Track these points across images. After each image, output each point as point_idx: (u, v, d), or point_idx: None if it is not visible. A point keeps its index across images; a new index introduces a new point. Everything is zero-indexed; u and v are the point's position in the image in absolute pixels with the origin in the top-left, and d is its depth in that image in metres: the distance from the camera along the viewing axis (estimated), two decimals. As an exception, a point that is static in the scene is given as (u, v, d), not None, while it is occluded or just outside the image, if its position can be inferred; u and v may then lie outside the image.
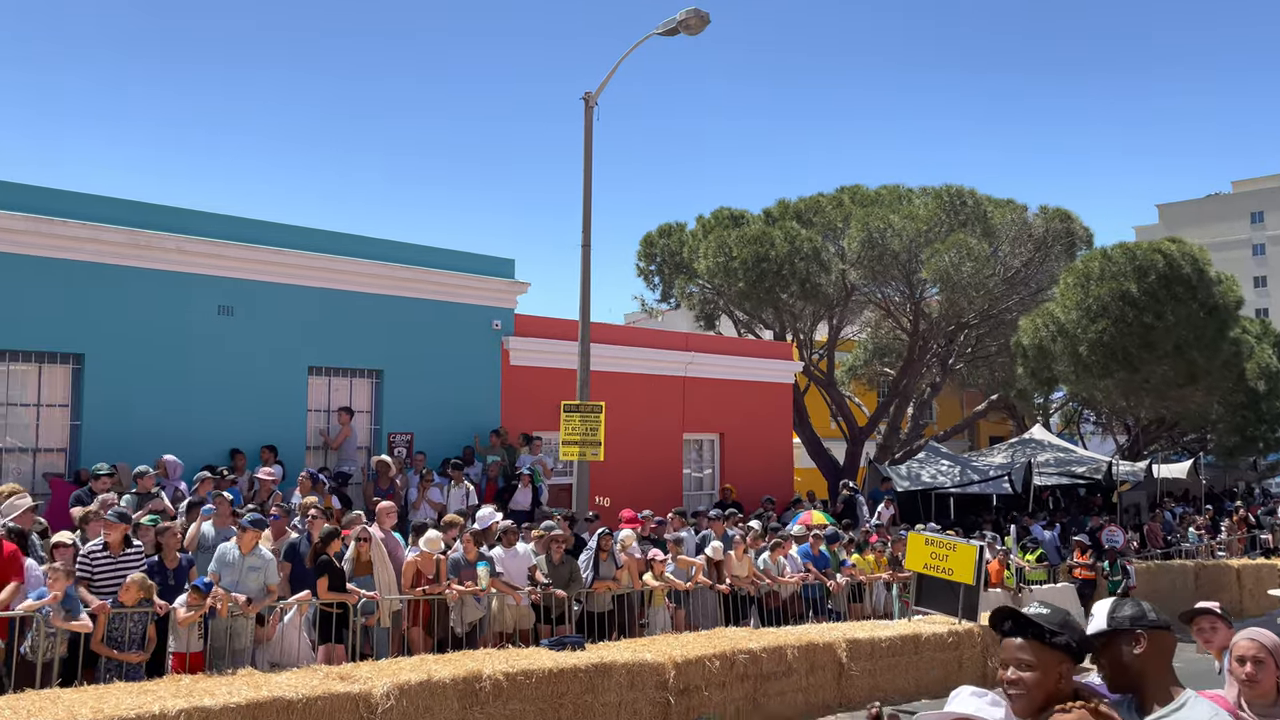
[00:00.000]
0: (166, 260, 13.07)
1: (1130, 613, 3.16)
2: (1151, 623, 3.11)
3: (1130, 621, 3.12)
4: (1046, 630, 2.82)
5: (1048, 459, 27.21)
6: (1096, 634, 3.14)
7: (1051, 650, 2.80)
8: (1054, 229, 22.91)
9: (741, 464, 20.22)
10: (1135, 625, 3.11)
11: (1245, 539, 27.18)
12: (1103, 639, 3.13)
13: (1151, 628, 3.10)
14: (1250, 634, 3.91)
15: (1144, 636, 3.07)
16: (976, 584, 13.37)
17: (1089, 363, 19.94)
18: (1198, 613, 5.24)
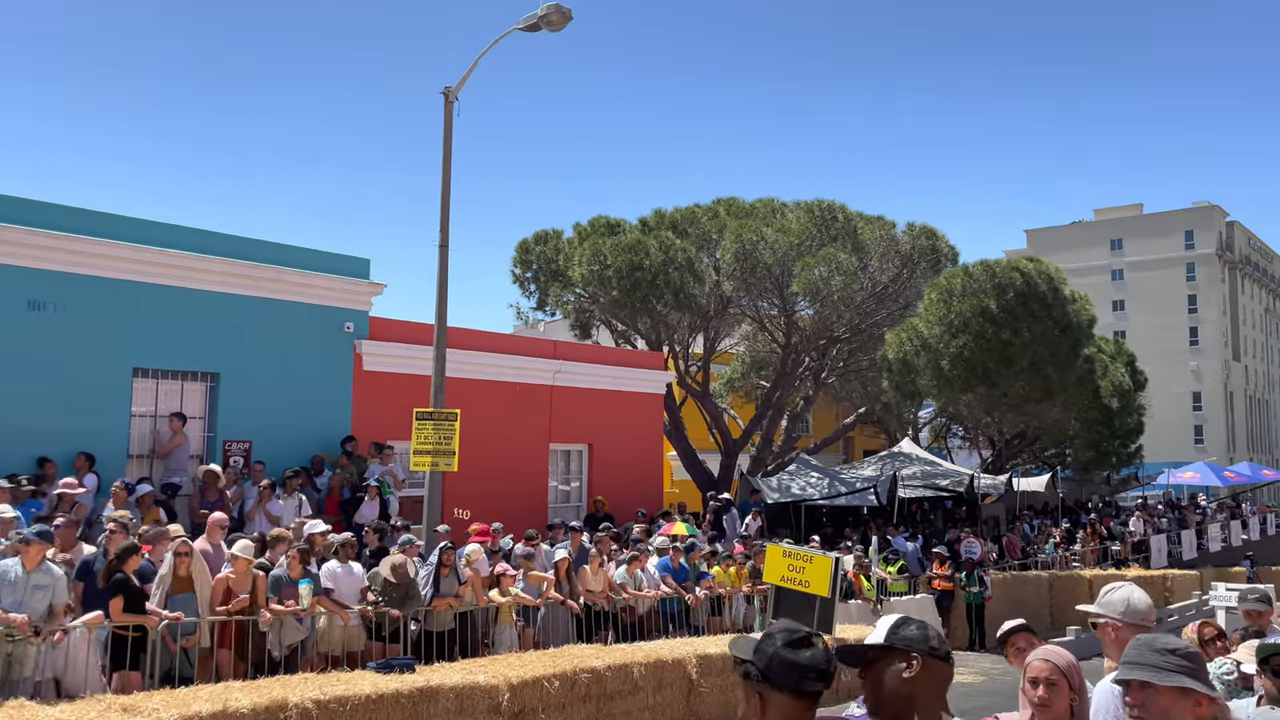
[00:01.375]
0: (-33, 248, 11.88)
1: (912, 634, 2.85)
2: (931, 649, 2.80)
3: (909, 643, 2.81)
4: (734, 660, 2.53)
5: (914, 472, 27.77)
6: (871, 646, 2.84)
7: (744, 681, 2.49)
8: (920, 246, 23.41)
9: (611, 475, 19.83)
10: (913, 647, 2.80)
11: (1098, 550, 28.30)
12: (875, 655, 2.82)
13: (929, 654, 2.79)
14: (1043, 654, 3.67)
15: (919, 660, 2.76)
16: (832, 596, 13.25)
17: (950, 377, 20.35)
18: (1013, 631, 5.05)
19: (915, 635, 2.80)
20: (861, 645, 2.83)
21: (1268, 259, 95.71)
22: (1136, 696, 2.91)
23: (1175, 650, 2.84)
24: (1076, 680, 3.59)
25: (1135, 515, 32.00)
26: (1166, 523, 32.50)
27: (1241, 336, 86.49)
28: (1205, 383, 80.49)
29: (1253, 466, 49.83)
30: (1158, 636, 2.87)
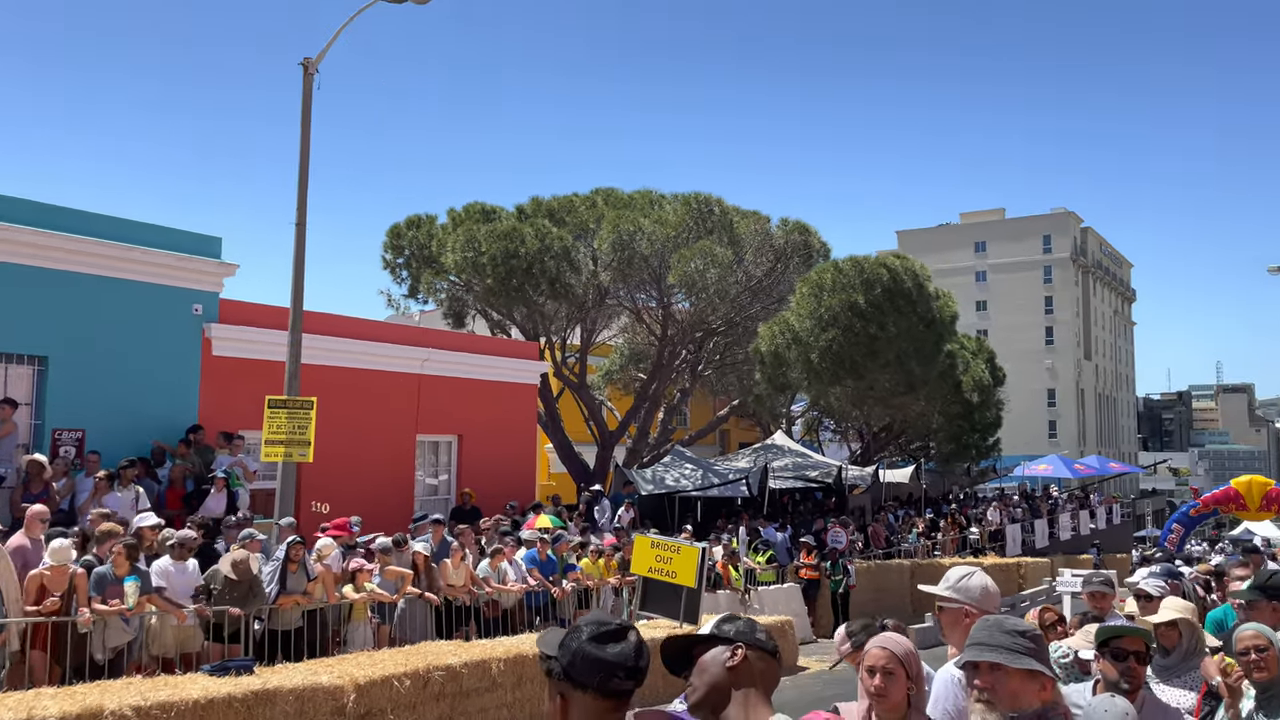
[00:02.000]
0: None
1: (739, 627, 2.69)
2: (756, 641, 2.63)
3: (735, 634, 2.65)
4: (540, 655, 2.32)
5: (786, 464, 28.26)
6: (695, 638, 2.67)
7: (549, 679, 2.27)
8: (793, 241, 23.74)
9: (482, 467, 19.36)
10: (737, 639, 2.63)
11: (958, 539, 29.39)
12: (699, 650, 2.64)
13: (754, 645, 2.62)
14: (881, 641, 3.55)
15: (743, 651, 2.59)
16: (698, 587, 13.24)
17: (820, 370, 20.69)
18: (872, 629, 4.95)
19: (741, 628, 2.64)
20: (684, 636, 2.64)
21: (1118, 264, 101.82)
22: (987, 679, 2.80)
23: (1024, 632, 2.75)
24: (914, 669, 3.49)
25: (992, 505, 33.41)
26: (1021, 512, 34.06)
27: (1093, 337, 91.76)
28: (1059, 380, 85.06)
29: (1100, 459, 52.88)
30: (1005, 618, 2.78)
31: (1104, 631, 3.93)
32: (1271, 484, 28.12)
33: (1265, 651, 3.82)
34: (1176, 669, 4.99)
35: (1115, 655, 3.77)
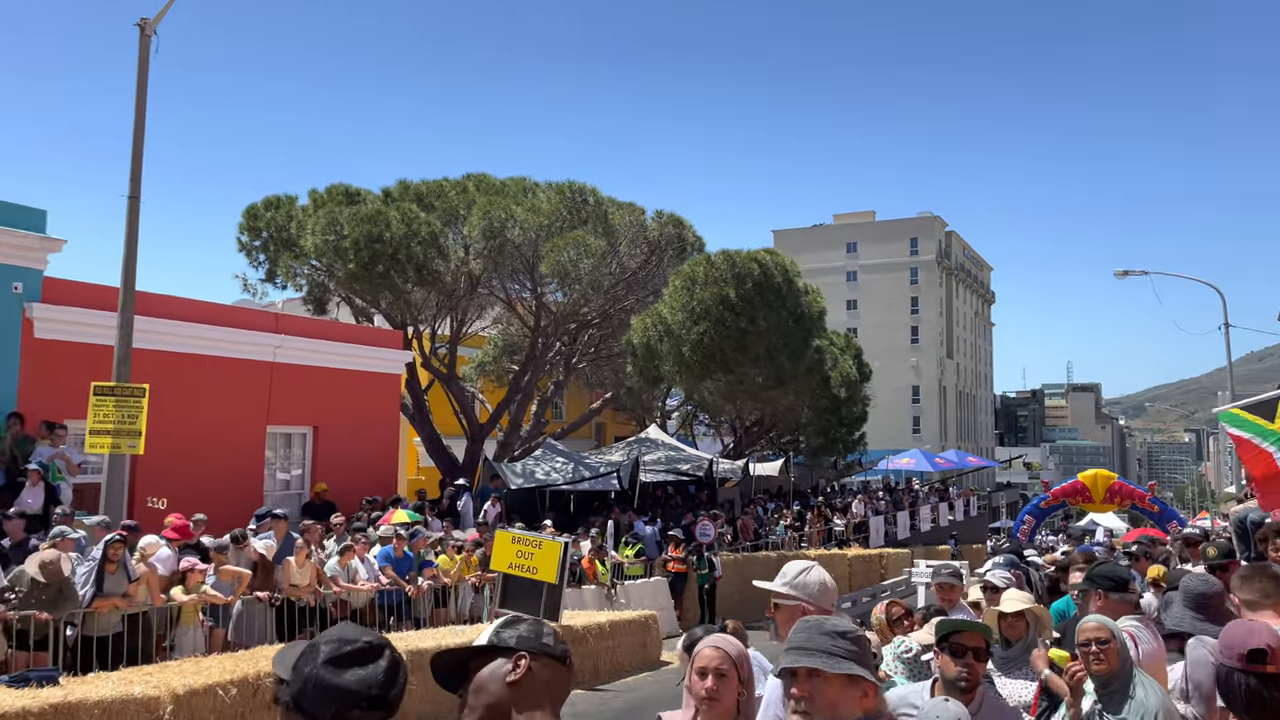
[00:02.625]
0: None
1: (522, 632, 2.30)
2: (543, 648, 2.26)
3: (516, 642, 2.26)
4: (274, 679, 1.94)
5: (659, 457, 28.19)
6: (471, 649, 2.28)
7: (279, 708, 1.89)
8: (668, 234, 23.63)
9: (340, 461, 18.50)
10: (521, 646, 2.25)
11: (823, 531, 29.98)
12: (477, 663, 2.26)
13: (541, 652, 2.25)
14: (714, 641, 3.26)
15: (526, 661, 2.22)
16: (560, 583, 12.89)
17: (691, 363, 20.64)
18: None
19: (525, 634, 2.26)
20: (458, 648, 2.26)
21: (979, 267, 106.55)
22: (804, 687, 2.50)
23: (845, 634, 2.46)
24: (746, 672, 3.22)
25: (857, 498, 34.26)
26: (884, 505, 35.05)
27: (955, 337, 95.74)
28: (923, 378, 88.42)
29: (959, 454, 55.11)
30: (825, 619, 2.49)
31: (943, 626, 3.76)
32: (1115, 478, 29.70)
33: (1106, 644, 3.71)
34: (1018, 661, 4.93)
35: (954, 651, 3.61)
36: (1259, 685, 2.82)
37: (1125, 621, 4.37)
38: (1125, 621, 4.37)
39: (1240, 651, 2.89)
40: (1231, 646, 2.93)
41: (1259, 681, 2.83)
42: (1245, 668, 2.85)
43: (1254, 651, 2.86)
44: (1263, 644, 2.89)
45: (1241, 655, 2.87)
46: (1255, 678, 2.83)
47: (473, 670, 2.22)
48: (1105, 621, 3.77)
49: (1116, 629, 3.72)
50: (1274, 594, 4.00)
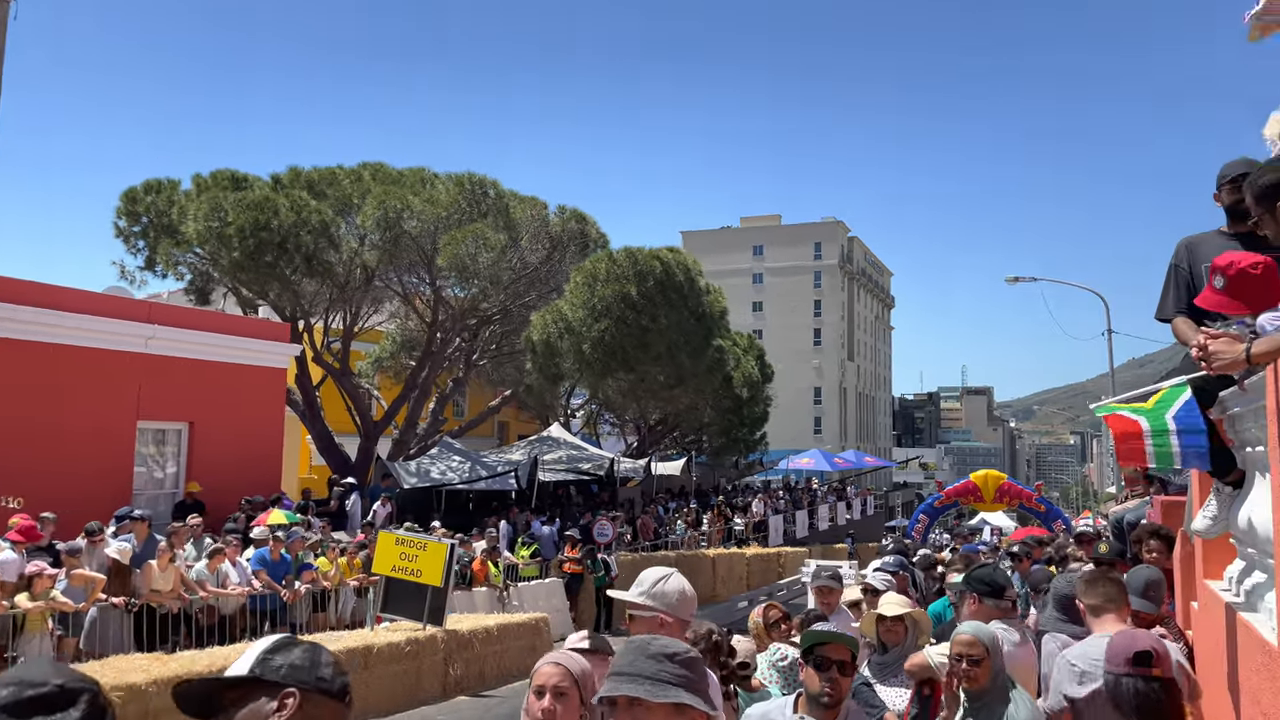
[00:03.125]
0: None
1: (294, 661, 1.91)
2: (317, 682, 1.88)
3: (285, 674, 1.88)
4: None
5: (560, 456, 27.80)
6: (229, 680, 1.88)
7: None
8: (570, 229, 23.26)
9: (218, 458, 17.56)
10: (291, 679, 1.87)
11: (723, 530, 30.05)
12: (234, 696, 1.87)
13: (315, 689, 1.87)
14: (555, 658, 2.95)
15: (295, 699, 1.85)
16: (445, 585, 12.43)
17: (591, 360, 20.33)
18: None
19: (297, 663, 1.88)
20: (210, 678, 1.88)
21: (879, 272, 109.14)
22: (624, 717, 2.20)
23: (674, 656, 2.15)
24: (589, 690, 2.91)
25: (757, 497, 34.48)
26: (784, 504, 35.37)
27: (856, 340, 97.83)
28: (825, 379, 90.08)
29: (857, 454, 56.21)
30: (653, 639, 2.18)
31: (808, 638, 3.54)
32: (1004, 478, 30.55)
33: (978, 664, 3.50)
34: (895, 666, 4.78)
35: (818, 665, 3.38)
36: (1146, 688, 2.84)
37: (995, 626, 4.24)
38: (995, 626, 4.24)
39: (1126, 656, 2.89)
40: (1118, 653, 2.93)
41: (1146, 685, 2.84)
42: (1132, 672, 2.85)
43: (1140, 654, 2.87)
44: (1148, 647, 2.91)
45: (1128, 659, 2.87)
46: (1142, 681, 2.85)
47: (229, 704, 1.86)
48: (979, 634, 3.58)
49: (992, 642, 3.54)
50: (1117, 599, 4.03)
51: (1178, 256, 4.29)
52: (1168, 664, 2.97)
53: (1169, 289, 4.29)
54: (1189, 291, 4.23)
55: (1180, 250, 4.30)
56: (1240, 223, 4.21)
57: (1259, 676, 2.93)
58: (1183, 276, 4.26)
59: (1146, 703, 2.86)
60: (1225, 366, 2.57)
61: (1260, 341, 2.50)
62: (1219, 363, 2.57)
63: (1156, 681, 2.89)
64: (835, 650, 3.38)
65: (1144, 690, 2.86)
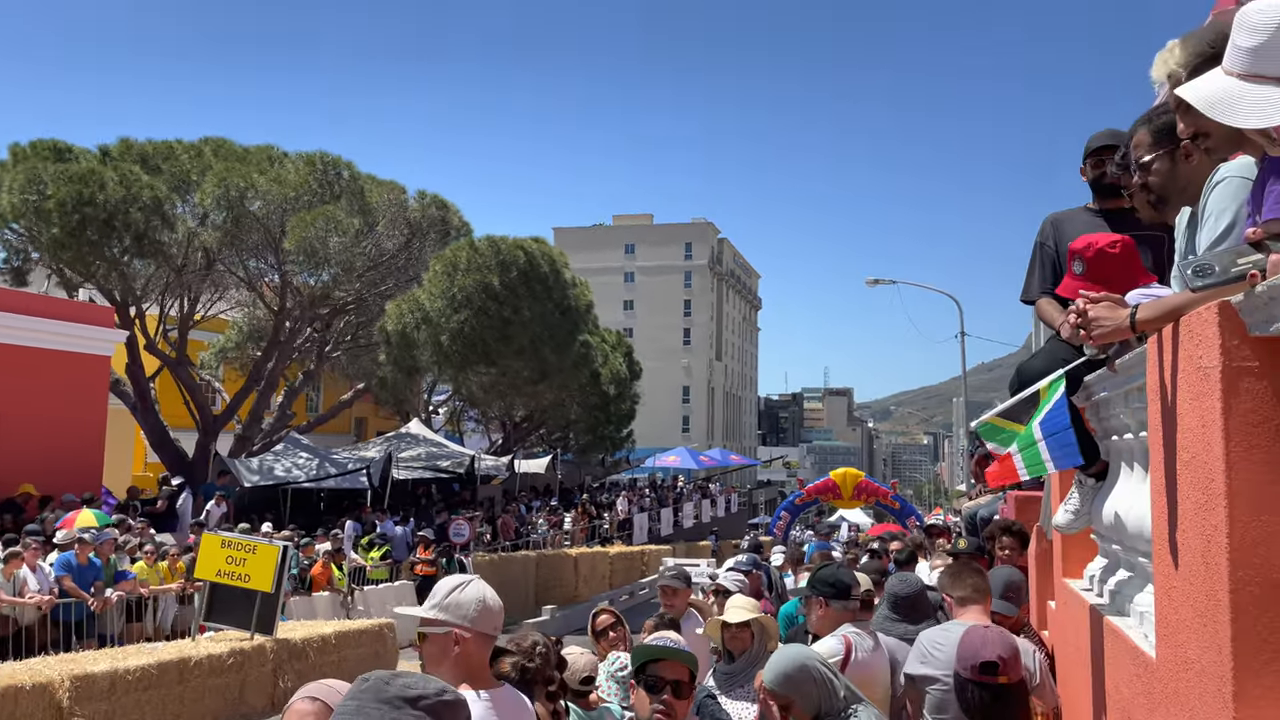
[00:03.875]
0: None
1: None
2: None
3: None
4: None
5: (418, 453, 26.77)
6: None
7: None
8: (430, 216, 22.28)
9: (27, 454, 15.92)
10: None
11: (587, 528, 29.59)
12: None
13: None
14: (310, 691, 2.35)
15: None
16: (276, 591, 11.46)
17: (450, 352, 19.51)
18: None
19: None
20: None
21: (748, 274, 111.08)
22: None
23: (418, 701, 1.59)
24: None
25: (622, 495, 34.21)
26: (649, 501, 35.22)
27: (724, 340, 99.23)
28: (694, 379, 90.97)
29: (723, 452, 56.85)
30: (394, 679, 1.61)
31: (638, 654, 3.05)
32: (862, 476, 31.27)
33: (787, 709, 2.92)
34: (742, 676, 4.35)
35: (650, 686, 2.89)
36: (991, 698, 2.80)
37: (845, 629, 3.88)
38: (845, 629, 3.88)
39: (973, 664, 2.84)
40: (965, 658, 2.87)
41: (991, 694, 2.80)
42: (978, 679, 2.81)
43: (985, 664, 2.81)
44: (994, 656, 2.84)
45: (974, 667, 2.83)
46: (988, 690, 2.80)
47: None
48: (787, 669, 2.98)
49: (799, 674, 2.96)
50: (983, 589, 3.91)
51: (1043, 234, 4.01)
52: (1016, 668, 2.90)
53: (1034, 269, 4.00)
54: (1055, 271, 3.97)
55: (1046, 228, 4.03)
56: (1106, 198, 3.98)
57: (1130, 689, 2.61)
58: (1048, 255, 3.98)
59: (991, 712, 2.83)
60: (1107, 335, 2.20)
61: (1146, 306, 2.14)
62: (1100, 330, 2.20)
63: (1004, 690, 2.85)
64: (670, 668, 2.91)
65: (989, 701, 2.82)
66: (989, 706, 2.85)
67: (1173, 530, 2.08)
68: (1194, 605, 1.92)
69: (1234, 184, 2.22)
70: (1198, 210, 2.32)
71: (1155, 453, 2.21)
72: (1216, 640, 1.79)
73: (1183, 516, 2.01)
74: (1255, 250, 1.67)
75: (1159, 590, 2.23)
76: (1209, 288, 1.71)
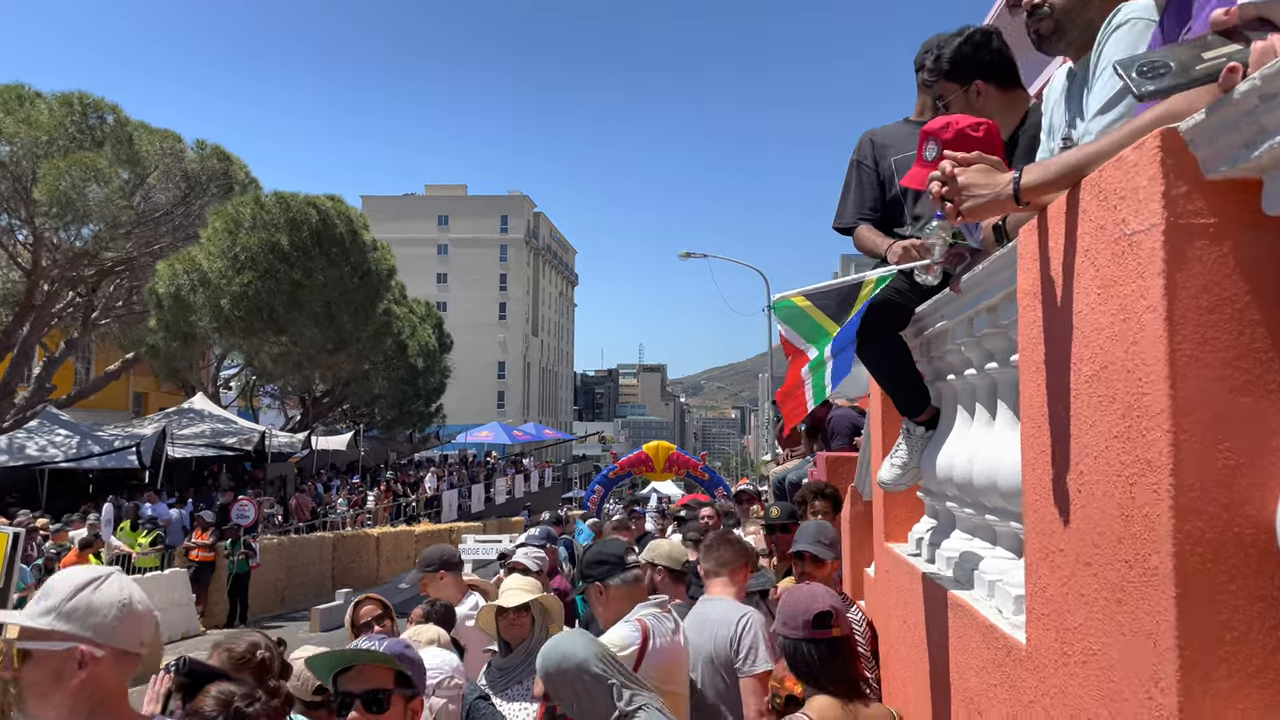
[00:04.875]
0: None
1: None
2: None
3: None
4: None
5: (202, 430, 24.64)
6: None
7: None
8: (211, 168, 20.17)
9: None
10: None
11: (391, 507, 28.19)
12: None
13: None
14: None
15: None
16: (6, 584, 9.87)
17: (233, 319, 17.72)
18: None
19: None
20: None
21: (565, 249, 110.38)
22: None
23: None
24: None
25: (430, 472, 32.92)
26: (459, 478, 34.07)
27: (540, 315, 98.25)
28: (509, 354, 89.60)
29: (537, 427, 56.06)
30: None
31: (321, 663, 2.33)
32: (673, 448, 31.44)
33: (554, 715, 2.46)
34: (520, 671, 3.67)
35: (340, 706, 2.19)
36: (828, 651, 2.60)
37: (642, 611, 3.27)
38: (642, 611, 3.27)
39: (805, 619, 2.64)
40: (795, 615, 2.67)
41: (827, 648, 2.60)
42: (811, 635, 2.61)
43: (819, 616, 2.63)
44: (826, 606, 2.65)
45: (807, 623, 2.63)
46: (824, 644, 2.61)
47: None
48: (546, 666, 2.46)
49: (559, 678, 2.43)
50: (731, 561, 3.83)
51: (860, 152, 3.48)
52: (846, 621, 2.71)
53: (850, 191, 3.47)
54: (877, 192, 3.47)
55: (864, 145, 3.49)
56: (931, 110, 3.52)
57: (982, 680, 2.10)
58: (867, 174, 3.46)
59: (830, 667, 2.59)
60: (981, 208, 1.63)
61: (1034, 168, 1.57)
62: (972, 202, 1.63)
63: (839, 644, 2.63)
64: (360, 677, 2.20)
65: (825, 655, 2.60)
66: (828, 661, 2.59)
67: (1060, 474, 1.55)
68: (1101, 576, 1.37)
69: (1138, 28, 1.71)
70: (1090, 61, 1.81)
71: (1032, 373, 1.68)
72: (1144, 625, 1.23)
73: (1079, 454, 1.46)
74: (1229, 41, 1.11)
75: (1033, 556, 1.70)
76: (1164, 92, 1.14)
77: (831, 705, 2.52)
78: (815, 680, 2.60)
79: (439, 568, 4.50)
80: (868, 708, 2.59)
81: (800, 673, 2.66)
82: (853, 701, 2.55)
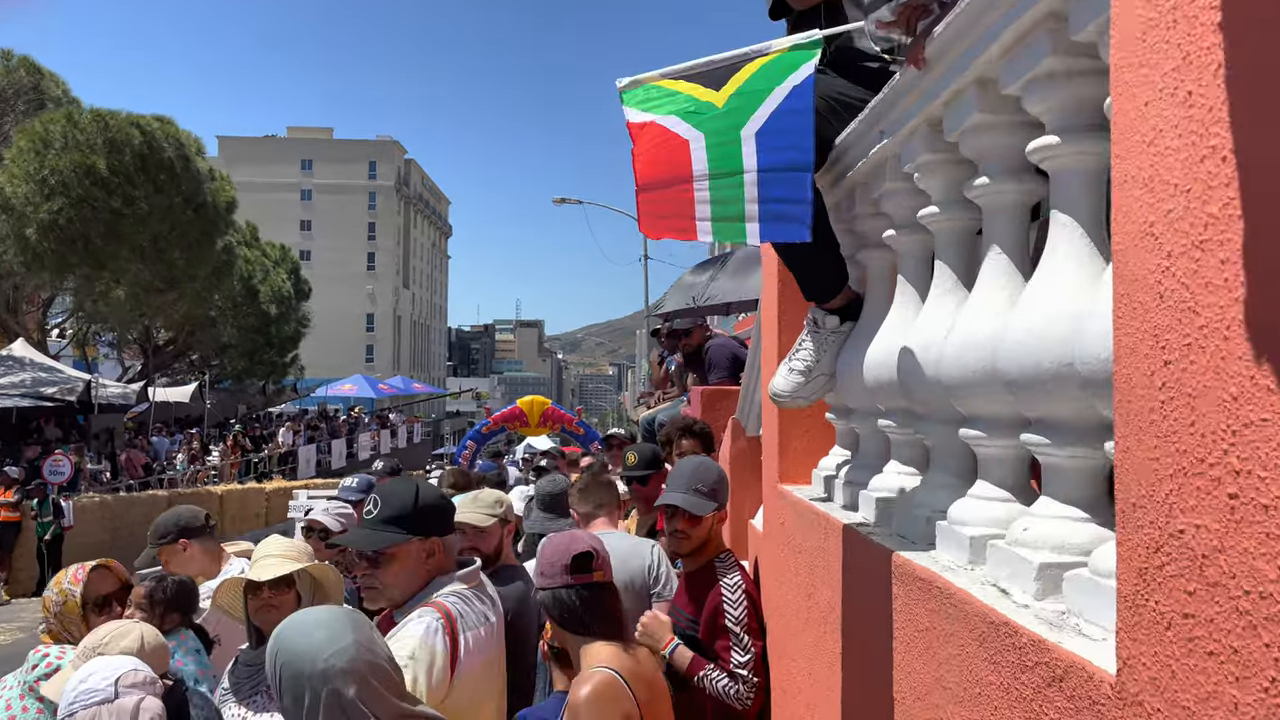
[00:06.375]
0: None
1: None
2: None
3: None
4: None
5: (22, 379, 22.21)
6: None
7: None
8: (18, 82, 17.73)
9: None
10: None
11: (239, 464, 26.25)
12: None
13: None
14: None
15: None
16: None
17: (41, 251, 15.61)
18: None
19: None
20: None
21: (438, 199, 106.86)
22: None
23: None
24: None
25: (284, 426, 30.93)
26: (318, 433, 32.17)
27: (412, 267, 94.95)
28: (378, 306, 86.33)
29: (405, 381, 53.97)
30: None
31: None
32: (549, 403, 30.44)
33: None
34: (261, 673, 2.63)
35: None
36: (591, 595, 2.31)
37: (445, 593, 2.28)
38: (445, 593, 2.28)
39: (564, 563, 2.34)
40: (553, 563, 2.36)
41: (590, 592, 2.32)
42: (573, 581, 2.32)
43: (579, 558, 2.34)
44: (587, 547, 2.37)
45: (565, 567, 2.33)
46: (586, 589, 2.31)
47: None
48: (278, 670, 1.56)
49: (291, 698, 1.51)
50: (609, 502, 3.73)
51: None
52: (608, 568, 2.42)
53: None
54: None
55: None
56: None
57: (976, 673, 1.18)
58: None
59: (595, 612, 2.30)
60: None
61: None
62: None
63: (601, 588, 2.35)
64: None
65: (588, 599, 2.31)
66: (597, 605, 2.30)
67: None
68: None
69: None
70: None
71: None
72: None
73: None
74: None
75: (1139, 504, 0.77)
76: None
77: (615, 651, 2.24)
78: (583, 626, 2.29)
79: (177, 536, 3.38)
80: (639, 648, 2.36)
81: (565, 620, 2.32)
82: (625, 642, 2.31)
